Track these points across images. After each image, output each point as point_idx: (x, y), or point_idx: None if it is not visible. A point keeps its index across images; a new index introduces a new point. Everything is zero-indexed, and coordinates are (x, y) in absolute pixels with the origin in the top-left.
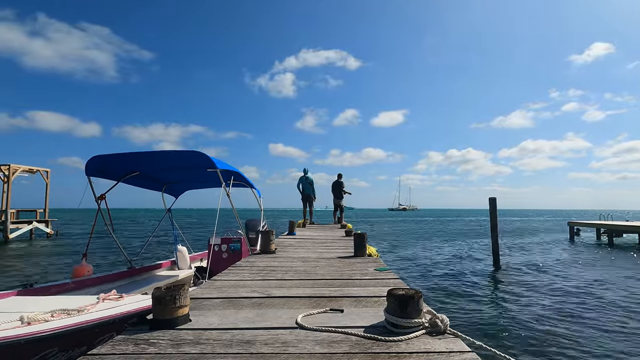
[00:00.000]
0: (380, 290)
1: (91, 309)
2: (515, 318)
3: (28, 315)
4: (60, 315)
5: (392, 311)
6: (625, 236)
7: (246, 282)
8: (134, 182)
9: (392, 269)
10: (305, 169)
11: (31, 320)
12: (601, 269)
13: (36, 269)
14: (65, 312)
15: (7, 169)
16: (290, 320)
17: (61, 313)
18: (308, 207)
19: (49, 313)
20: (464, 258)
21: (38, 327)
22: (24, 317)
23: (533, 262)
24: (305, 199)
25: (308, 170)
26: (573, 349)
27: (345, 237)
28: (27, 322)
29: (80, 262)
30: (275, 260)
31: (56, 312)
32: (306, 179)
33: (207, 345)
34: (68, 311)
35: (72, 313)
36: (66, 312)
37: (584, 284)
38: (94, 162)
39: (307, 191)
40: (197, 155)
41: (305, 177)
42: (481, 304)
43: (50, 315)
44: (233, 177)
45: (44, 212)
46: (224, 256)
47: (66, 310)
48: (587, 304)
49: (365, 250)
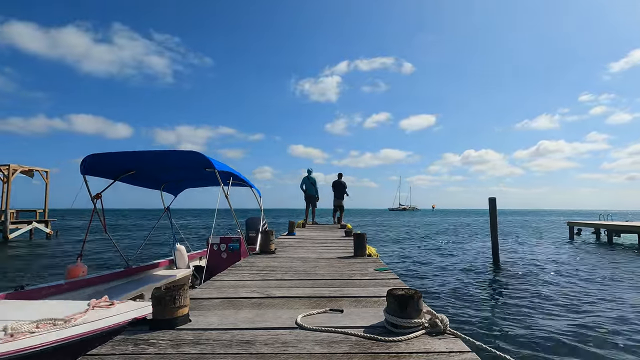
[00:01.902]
0: (380, 290)
1: (79, 318)
2: (515, 318)
3: (12, 326)
4: (46, 326)
5: (392, 311)
6: (625, 236)
7: (246, 282)
8: (131, 181)
9: (391, 268)
10: (309, 169)
11: (14, 332)
12: (600, 268)
13: (34, 269)
14: (51, 321)
15: (6, 169)
16: (290, 321)
17: (47, 323)
18: (311, 207)
19: (35, 323)
20: (464, 258)
21: (20, 343)
22: (8, 327)
23: (533, 261)
24: (308, 199)
25: (312, 170)
26: (573, 349)
27: (345, 237)
28: (10, 333)
29: (75, 262)
30: (275, 261)
31: (42, 322)
32: (309, 179)
33: (207, 345)
34: (54, 321)
35: (58, 323)
36: (52, 322)
37: (583, 283)
38: (89, 160)
39: (310, 191)
40: (195, 155)
41: (308, 177)
42: (481, 304)
43: (35, 326)
44: (232, 178)
45: (44, 213)
46: (223, 256)
47: (53, 319)
48: (587, 303)
49: (365, 251)
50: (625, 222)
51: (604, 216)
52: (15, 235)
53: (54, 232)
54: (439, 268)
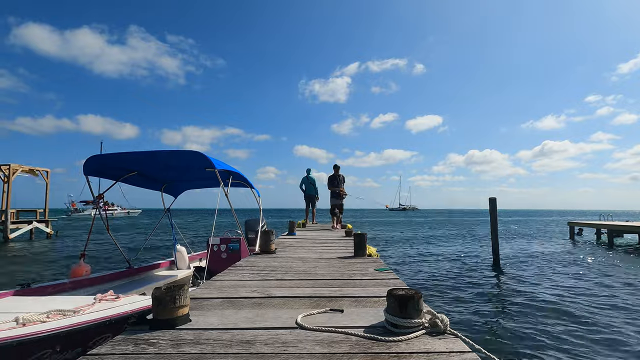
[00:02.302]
0: (380, 290)
1: (87, 309)
2: (515, 318)
3: (23, 317)
4: (56, 316)
5: (392, 311)
6: (625, 236)
7: (246, 282)
8: (132, 182)
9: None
10: (308, 169)
11: (26, 321)
12: (600, 268)
13: (35, 269)
14: (61, 312)
15: (7, 169)
16: (290, 320)
17: (57, 314)
18: (311, 207)
19: (45, 314)
20: (464, 258)
21: (32, 328)
22: (19, 318)
23: (532, 261)
24: (308, 199)
25: (311, 170)
26: (572, 348)
27: (345, 237)
28: (22, 323)
29: (78, 262)
30: (275, 261)
31: (52, 313)
32: (308, 179)
33: (207, 345)
34: (64, 312)
35: (67, 314)
36: (62, 313)
37: (583, 283)
38: (92, 161)
39: (309, 191)
40: (195, 155)
41: (307, 177)
42: (481, 304)
43: (45, 316)
44: (232, 176)
45: (44, 212)
46: (223, 256)
47: (62, 311)
48: (586, 303)
49: (365, 251)
50: (626, 222)
51: (604, 216)
52: (16, 235)
53: (54, 232)
54: (439, 268)
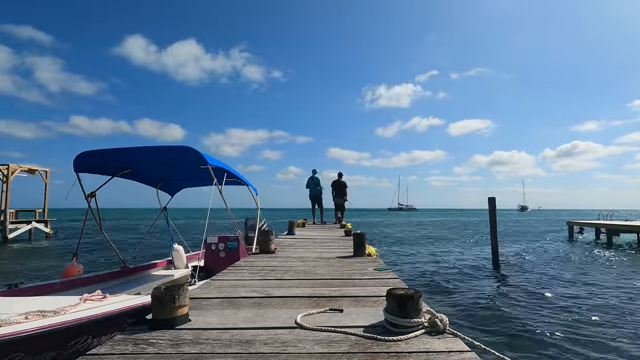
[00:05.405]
0: (380, 290)
1: (70, 310)
2: (514, 317)
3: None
4: (34, 317)
5: (392, 311)
6: (625, 236)
7: (245, 282)
8: (127, 178)
9: (391, 268)
10: (314, 170)
11: (2, 323)
12: (599, 268)
13: (32, 269)
14: (40, 313)
15: (5, 168)
16: (290, 320)
17: (36, 315)
18: (317, 206)
19: (24, 315)
20: (464, 257)
21: (4, 329)
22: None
23: (532, 261)
24: (313, 198)
25: (317, 171)
26: (572, 348)
27: (344, 237)
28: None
29: (71, 262)
30: (275, 260)
31: (31, 314)
32: (313, 179)
33: (206, 345)
34: (44, 313)
35: (47, 314)
36: (41, 314)
37: (582, 283)
38: (82, 158)
39: (314, 191)
40: (188, 150)
41: (312, 178)
42: (480, 304)
43: (24, 317)
44: (226, 174)
45: (43, 212)
46: (222, 255)
47: (42, 311)
48: (585, 302)
49: (364, 250)
50: (625, 222)
51: (604, 216)
52: (15, 235)
53: (53, 232)
54: (438, 268)
